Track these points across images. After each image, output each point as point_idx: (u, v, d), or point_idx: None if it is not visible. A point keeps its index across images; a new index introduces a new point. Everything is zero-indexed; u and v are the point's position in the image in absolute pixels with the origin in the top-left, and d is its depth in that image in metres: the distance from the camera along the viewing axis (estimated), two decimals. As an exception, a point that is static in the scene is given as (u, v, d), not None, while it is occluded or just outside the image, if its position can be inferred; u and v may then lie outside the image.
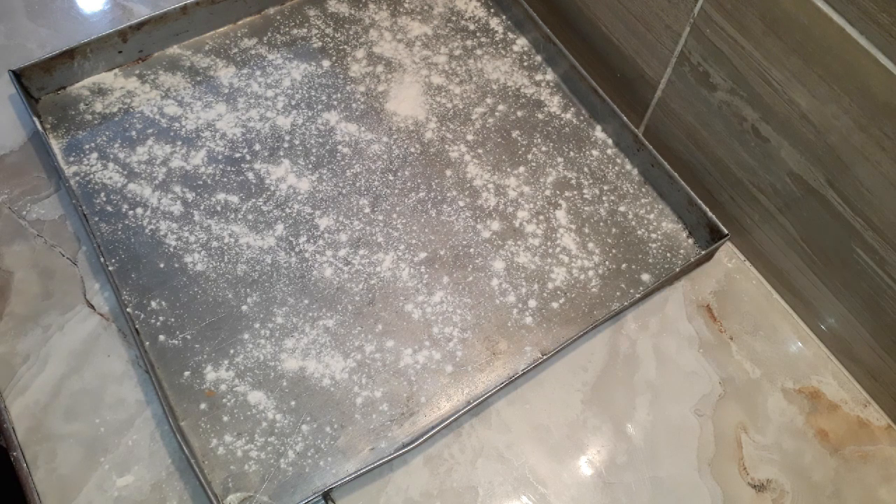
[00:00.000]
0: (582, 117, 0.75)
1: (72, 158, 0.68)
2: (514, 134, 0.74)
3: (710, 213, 0.66)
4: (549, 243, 0.68)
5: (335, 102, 0.74)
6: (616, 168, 0.72)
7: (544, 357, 0.60)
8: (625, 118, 0.71)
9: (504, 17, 0.81)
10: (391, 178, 0.70)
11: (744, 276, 0.68)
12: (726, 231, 0.66)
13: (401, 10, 0.81)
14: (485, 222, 0.68)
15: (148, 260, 0.64)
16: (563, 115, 0.75)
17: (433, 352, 0.62)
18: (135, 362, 0.60)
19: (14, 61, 0.71)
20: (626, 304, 0.63)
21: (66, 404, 0.58)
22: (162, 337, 0.61)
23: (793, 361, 0.64)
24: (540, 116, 0.75)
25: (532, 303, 0.65)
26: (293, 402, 0.59)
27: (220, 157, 0.70)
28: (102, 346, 0.61)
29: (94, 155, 0.69)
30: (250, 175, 0.69)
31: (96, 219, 0.66)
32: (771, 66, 0.57)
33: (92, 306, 0.62)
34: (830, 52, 0.52)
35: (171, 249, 0.65)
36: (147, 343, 0.60)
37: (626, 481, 0.58)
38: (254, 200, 0.68)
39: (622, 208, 0.70)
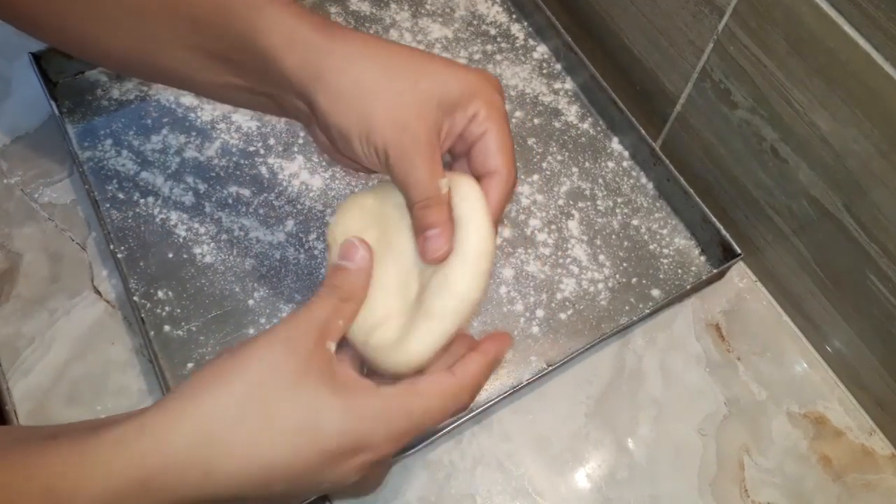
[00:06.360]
0: (599, 128, 0.75)
1: (86, 143, 0.68)
2: (530, 141, 0.73)
3: (723, 232, 0.66)
4: (559, 253, 0.67)
5: (352, 101, 0.74)
6: (631, 181, 0.72)
7: (550, 368, 0.59)
8: (642, 131, 0.70)
9: (526, 23, 0.81)
10: (404, 179, 0.70)
11: (754, 297, 0.68)
12: (739, 250, 0.65)
13: (422, 11, 0.81)
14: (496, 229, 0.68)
15: (157, 249, 0.64)
16: (580, 125, 0.75)
17: (438, 356, 0.62)
18: (139, 351, 0.60)
19: (34, 44, 0.71)
20: (634, 318, 0.63)
21: (68, 389, 0.58)
22: (167, 327, 0.61)
23: (799, 385, 0.64)
24: (557, 125, 0.75)
25: (540, 312, 0.64)
26: (295, 400, 0.59)
27: (234, 149, 0.70)
28: (107, 333, 0.61)
29: (109, 141, 0.69)
30: (263, 169, 0.69)
31: (108, 205, 0.66)
32: (793, 86, 0.56)
33: (99, 293, 0.62)
34: (854, 76, 0.51)
35: (181, 240, 0.65)
36: (152, 332, 0.60)
37: (626, 497, 0.58)
38: (265, 195, 0.68)
39: (635, 222, 0.70)
